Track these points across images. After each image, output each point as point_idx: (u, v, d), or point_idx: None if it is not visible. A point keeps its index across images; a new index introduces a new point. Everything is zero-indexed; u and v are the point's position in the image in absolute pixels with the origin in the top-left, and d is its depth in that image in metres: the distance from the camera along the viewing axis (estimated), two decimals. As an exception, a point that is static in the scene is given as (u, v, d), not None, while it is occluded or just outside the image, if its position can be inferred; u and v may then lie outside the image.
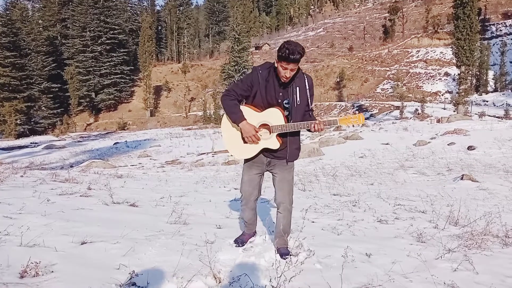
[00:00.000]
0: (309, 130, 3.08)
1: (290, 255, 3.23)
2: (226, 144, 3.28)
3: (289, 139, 3.13)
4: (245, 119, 3.03)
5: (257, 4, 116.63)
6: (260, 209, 5.41)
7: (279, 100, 3.04)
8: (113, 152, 25.62)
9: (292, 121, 3.04)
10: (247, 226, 3.57)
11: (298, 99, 3.02)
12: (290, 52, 2.83)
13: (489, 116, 29.41)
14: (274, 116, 3.03)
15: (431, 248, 3.70)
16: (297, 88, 3.02)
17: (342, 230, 4.42)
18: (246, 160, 3.26)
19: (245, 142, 3.11)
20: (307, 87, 3.06)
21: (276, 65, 2.98)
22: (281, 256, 3.22)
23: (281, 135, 3.08)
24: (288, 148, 3.14)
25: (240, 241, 3.48)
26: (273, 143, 3.06)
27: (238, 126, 3.06)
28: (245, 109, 3.09)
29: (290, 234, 3.75)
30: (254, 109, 3.09)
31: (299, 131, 3.15)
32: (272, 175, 3.30)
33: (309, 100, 3.08)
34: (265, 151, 3.13)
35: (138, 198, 5.71)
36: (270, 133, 3.05)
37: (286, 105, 3.04)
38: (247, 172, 3.28)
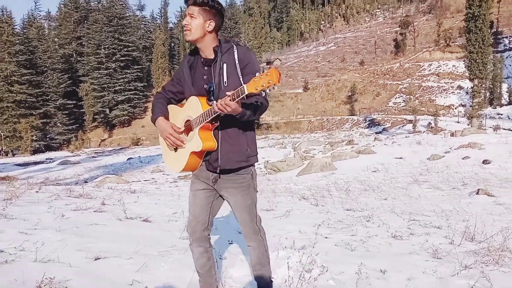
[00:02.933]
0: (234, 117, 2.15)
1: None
2: (163, 156, 2.53)
3: (221, 136, 2.24)
4: (161, 116, 2.33)
5: (268, 20, 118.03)
6: (271, 224, 5.38)
7: (205, 86, 2.24)
8: (126, 168, 25.82)
9: None
10: (202, 280, 2.53)
11: (225, 79, 2.20)
12: None
13: (504, 129, 28.98)
14: (193, 105, 2.25)
15: (447, 265, 3.64)
16: (225, 64, 2.22)
17: (356, 246, 4.37)
18: (192, 175, 2.44)
19: (175, 149, 2.36)
20: (236, 61, 2.22)
21: None
22: None
23: (214, 131, 2.25)
24: (219, 150, 2.23)
25: None
26: (195, 143, 2.22)
27: (156, 126, 2.36)
28: (172, 108, 2.43)
29: (303, 250, 3.72)
30: (180, 105, 2.41)
31: (239, 124, 2.25)
32: (225, 200, 2.44)
33: (241, 79, 2.18)
34: (207, 159, 2.31)
35: (151, 213, 5.73)
36: (193, 130, 2.26)
37: (210, 89, 2.22)
38: (191, 188, 2.44)
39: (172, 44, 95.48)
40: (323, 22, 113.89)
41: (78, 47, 73.85)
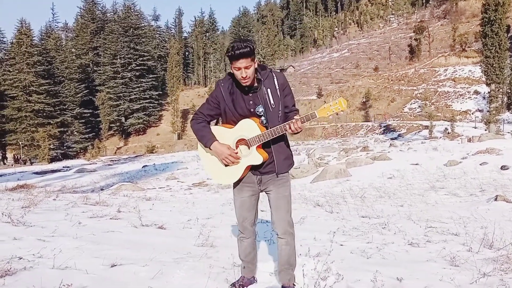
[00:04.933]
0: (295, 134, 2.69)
1: None
2: (208, 172, 2.93)
3: (274, 149, 2.73)
4: (215, 140, 2.71)
5: (281, 27, 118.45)
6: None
7: (251, 109, 2.68)
8: (141, 175, 26.05)
9: (270, 128, 2.65)
10: (245, 266, 3.03)
11: (271, 101, 2.66)
12: (235, 48, 2.50)
13: (523, 134, 28.42)
14: (247, 127, 2.67)
15: (465, 272, 3.58)
16: (268, 90, 2.67)
17: (372, 254, 4.32)
18: (236, 183, 2.86)
19: (226, 165, 2.76)
20: (277, 87, 2.69)
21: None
22: None
23: (264, 147, 2.71)
24: (275, 159, 2.74)
25: (239, 286, 2.98)
26: (255, 158, 2.68)
27: (210, 149, 2.74)
28: (217, 129, 2.78)
29: (318, 258, 3.70)
30: (227, 127, 2.76)
31: (285, 137, 2.80)
32: (267, 194, 2.88)
33: (284, 101, 2.71)
34: (253, 168, 2.77)
35: (166, 220, 5.77)
36: (249, 147, 2.68)
37: (260, 112, 2.67)
38: (238, 195, 2.87)
39: (186, 53, 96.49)
40: (336, 29, 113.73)
41: (94, 57, 75.17)
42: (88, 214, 5.76)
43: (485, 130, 31.59)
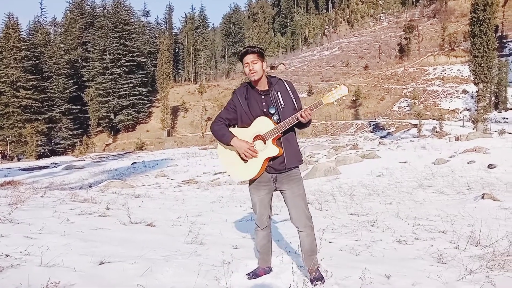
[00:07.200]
0: (300, 126, 3.01)
1: (323, 279, 3.08)
2: (229, 171, 3.16)
3: (284, 144, 3.01)
4: (235, 136, 3.00)
5: (272, 25, 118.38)
6: (276, 229, 5.39)
7: (264, 110, 3.01)
8: (131, 172, 25.89)
9: None
10: (261, 257, 3.34)
11: (281, 102, 3.01)
12: (244, 48, 3.02)
13: (509, 133, 28.79)
14: (262, 124, 2.97)
15: (452, 270, 3.62)
16: (278, 92, 3.04)
17: (360, 251, 4.36)
18: (251, 181, 3.11)
19: (245, 161, 3.01)
20: (288, 90, 3.08)
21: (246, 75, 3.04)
22: (314, 280, 3.05)
23: (277, 142, 3.00)
24: (284, 154, 3.00)
25: (253, 274, 3.24)
26: (273, 150, 2.95)
27: (231, 146, 3.01)
28: (234, 130, 3.07)
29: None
30: (243, 127, 3.07)
31: (293, 134, 3.09)
32: (281, 193, 3.15)
33: (294, 103, 3.06)
34: (268, 165, 3.02)
35: (155, 218, 5.74)
36: (265, 142, 2.97)
37: (272, 111, 3.00)
38: (255, 193, 3.13)
39: (177, 50, 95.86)
40: (327, 27, 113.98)
41: (83, 52, 74.32)
42: (76, 211, 5.71)
43: (473, 129, 31.98)
